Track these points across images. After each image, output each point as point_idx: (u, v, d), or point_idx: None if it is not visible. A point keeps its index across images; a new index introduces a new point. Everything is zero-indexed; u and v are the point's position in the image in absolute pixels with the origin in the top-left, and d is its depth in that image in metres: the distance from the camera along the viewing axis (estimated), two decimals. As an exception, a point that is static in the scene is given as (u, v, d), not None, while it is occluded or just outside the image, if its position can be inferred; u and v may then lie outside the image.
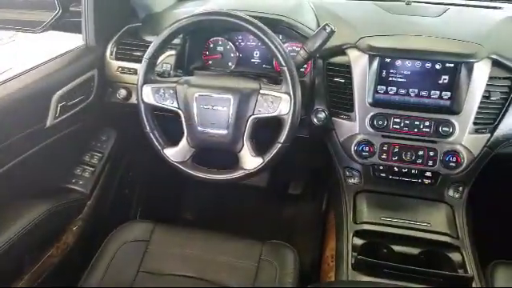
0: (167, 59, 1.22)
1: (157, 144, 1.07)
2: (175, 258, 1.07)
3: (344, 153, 1.17)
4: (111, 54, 1.27)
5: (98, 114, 1.33)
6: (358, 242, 1.05)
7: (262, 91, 1.01)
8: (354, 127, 1.13)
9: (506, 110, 1.06)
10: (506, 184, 1.33)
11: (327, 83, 1.14)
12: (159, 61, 1.16)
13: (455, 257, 1.01)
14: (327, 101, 1.15)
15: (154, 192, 1.68)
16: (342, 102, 1.13)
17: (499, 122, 1.07)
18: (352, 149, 1.13)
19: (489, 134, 1.07)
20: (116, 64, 1.27)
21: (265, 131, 1.02)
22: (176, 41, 1.14)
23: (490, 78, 1.04)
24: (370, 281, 0.92)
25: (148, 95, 1.04)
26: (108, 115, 1.38)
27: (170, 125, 1.08)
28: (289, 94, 0.98)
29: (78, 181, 1.32)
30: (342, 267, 1.01)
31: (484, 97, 1.04)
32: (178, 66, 1.23)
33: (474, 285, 0.94)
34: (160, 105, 1.05)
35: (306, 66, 1.17)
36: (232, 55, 1.30)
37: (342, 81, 1.12)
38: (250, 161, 1.02)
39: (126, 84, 1.27)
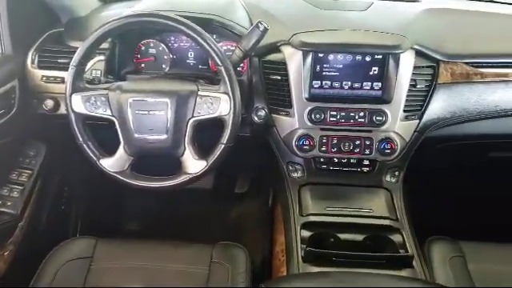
0: (96, 65, 1.15)
1: (92, 155, 1.01)
2: (122, 271, 1.02)
3: (286, 148, 1.19)
4: (33, 63, 1.18)
5: (23, 127, 1.23)
6: (306, 234, 1.07)
7: (200, 92, 0.99)
8: (293, 123, 1.15)
9: (431, 97, 1.14)
10: (436, 165, 1.43)
11: (264, 81, 1.15)
12: (88, 67, 1.10)
13: (396, 238, 1.07)
14: (266, 98, 1.16)
15: (93, 205, 1.60)
16: (280, 98, 1.15)
17: (426, 108, 1.14)
18: (293, 144, 1.16)
19: (418, 120, 1.15)
20: (39, 73, 1.18)
21: (206, 133, 1.01)
22: (104, 45, 1.08)
23: (415, 67, 1.11)
24: (320, 271, 0.94)
25: (78, 104, 0.98)
26: (35, 128, 1.28)
27: (104, 134, 1.02)
28: (228, 94, 0.97)
29: (5, 202, 1.21)
30: (292, 261, 1.02)
31: (411, 85, 1.11)
32: (109, 71, 1.17)
33: (414, 263, 1.00)
34: (92, 114, 0.99)
35: (242, 64, 1.17)
36: (165, 57, 1.26)
37: (279, 78, 1.13)
38: (194, 164, 1.00)
39: (52, 94, 1.18)
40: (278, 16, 1.22)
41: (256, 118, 1.17)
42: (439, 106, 1.15)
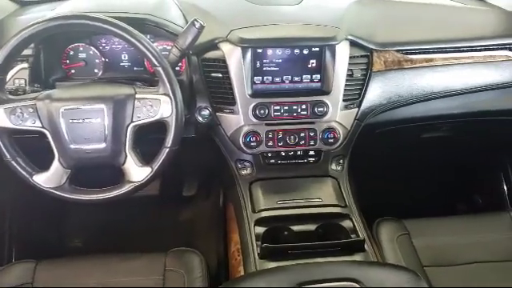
0: (19, 73, 1.05)
1: (23, 172, 0.93)
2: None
3: (233, 146, 1.17)
4: None
5: None
6: (260, 230, 1.07)
7: (138, 96, 0.94)
8: (238, 120, 1.14)
9: (367, 85, 1.18)
10: (376, 150, 1.50)
11: (205, 79, 1.13)
12: (9, 76, 1.00)
13: (347, 224, 1.10)
14: (209, 97, 1.14)
15: (30, 226, 1.47)
16: (223, 96, 1.13)
17: (363, 96, 1.19)
18: (240, 141, 1.15)
19: (357, 109, 1.19)
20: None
21: (149, 137, 0.97)
22: (27, 51, 1.00)
23: (350, 57, 1.14)
24: (276, 266, 0.94)
25: (2, 118, 0.89)
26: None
27: (35, 147, 0.94)
28: (168, 95, 0.93)
29: None
30: (249, 259, 1.01)
31: (348, 75, 1.15)
32: (35, 79, 1.08)
33: (366, 246, 1.04)
34: (19, 127, 0.91)
35: (180, 64, 1.14)
36: (97, 61, 1.19)
37: (220, 75, 1.11)
38: (138, 172, 0.95)
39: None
40: (214, 13, 1.20)
41: (200, 118, 1.14)
42: (375, 93, 1.20)
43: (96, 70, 1.19)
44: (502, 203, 1.64)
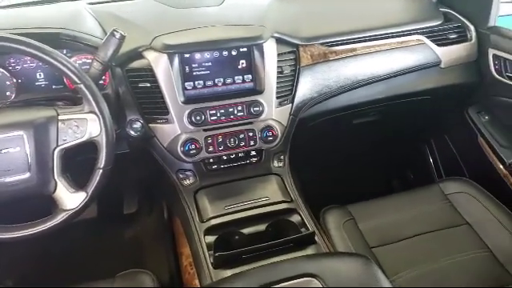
0: None
1: None
2: None
3: (172, 157, 1.13)
4: None
5: None
6: (211, 239, 1.05)
7: (61, 117, 0.87)
8: (174, 129, 1.10)
9: (298, 80, 1.20)
10: (313, 141, 1.53)
11: (133, 91, 1.07)
12: None
13: (295, 218, 1.12)
14: (139, 109, 1.09)
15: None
16: (154, 106, 1.09)
17: (295, 91, 1.20)
18: (179, 150, 1.11)
19: (290, 104, 1.20)
20: None
21: (79, 159, 0.89)
22: None
23: (279, 54, 1.15)
24: (232, 274, 0.92)
25: None
26: None
27: None
28: (94, 112, 0.87)
29: None
30: (203, 271, 0.99)
31: (278, 72, 1.16)
32: None
33: (316, 238, 1.06)
34: None
35: (104, 77, 1.06)
36: (8, 83, 1.07)
37: (148, 85, 1.07)
38: (71, 198, 0.88)
39: None
40: (133, 20, 1.15)
41: (132, 132, 1.08)
42: (306, 87, 1.23)
43: (8, 93, 1.07)
44: (429, 175, 1.78)
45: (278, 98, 1.17)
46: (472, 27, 1.38)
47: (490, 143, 1.42)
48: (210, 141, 1.13)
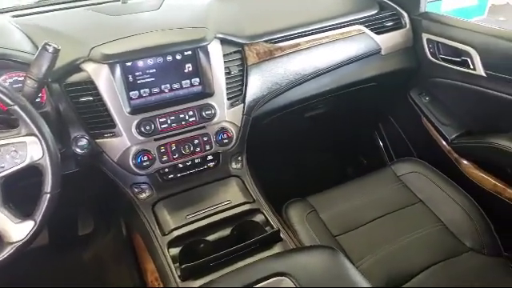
0: None
1: None
2: None
3: (124, 171, 1.08)
4: None
5: None
6: (175, 251, 1.02)
7: None
8: (123, 142, 1.05)
9: (247, 80, 1.19)
10: (268, 139, 1.54)
11: (74, 106, 1.01)
12: None
13: (259, 218, 1.11)
14: (83, 124, 1.03)
15: None
16: (99, 120, 1.03)
17: (245, 91, 1.19)
18: (131, 163, 1.06)
19: (242, 104, 1.19)
20: None
21: (21, 184, 0.83)
22: None
23: (224, 55, 1.14)
24: (201, 285, 0.90)
25: None
26: None
27: None
28: (34, 134, 0.81)
29: None
30: (170, 285, 0.95)
31: (226, 73, 1.14)
32: None
33: (282, 235, 1.06)
34: None
35: (40, 94, 0.99)
36: None
37: (91, 98, 1.01)
38: (17, 229, 0.81)
39: None
40: (66, 32, 1.08)
41: (78, 150, 1.02)
42: (256, 85, 1.22)
43: None
44: (381, 159, 1.85)
45: (228, 99, 1.15)
46: (405, 14, 1.45)
47: (433, 122, 1.50)
48: (163, 150, 1.09)
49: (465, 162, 1.39)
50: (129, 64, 1.02)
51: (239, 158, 1.23)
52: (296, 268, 0.82)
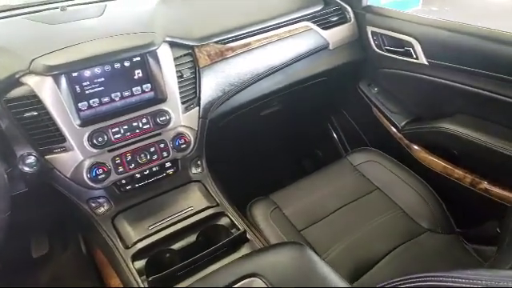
0: None
1: None
2: None
3: (79, 186, 1.03)
4: None
5: None
6: (141, 264, 0.99)
7: None
8: (75, 156, 1.00)
9: (199, 82, 1.18)
10: (227, 140, 1.53)
11: (19, 122, 0.95)
12: None
13: (224, 221, 1.10)
14: (30, 141, 0.97)
15: None
16: (47, 136, 0.97)
17: (199, 94, 1.18)
18: (85, 178, 1.01)
19: (197, 107, 1.17)
20: None
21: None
22: None
23: (175, 58, 1.11)
24: None
25: None
26: None
27: None
28: None
29: None
30: (138, 298, 0.93)
31: (178, 77, 1.12)
32: None
33: (248, 235, 1.06)
34: None
35: (-22, 113, 0.92)
36: None
37: (36, 113, 0.95)
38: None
39: None
40: (3, 43, 1.01)
41: (26, 168, 0.96)
42: (210, 87, 1.21)
43: None
44: (337, 150, 1.90)
45: (183, 103, 1.13)
46: (349, 8, 1.49)
47: (383, 111, 1.56)
48: (118, 161, 1.05)
49: (415, 147, 1.46)
50: (75, 74, 0.97)
51: (199, 163, 1.22)
52: (265, 267, 0.82)
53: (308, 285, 0.79)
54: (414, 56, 1.34)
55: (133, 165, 1.07)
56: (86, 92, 1.00)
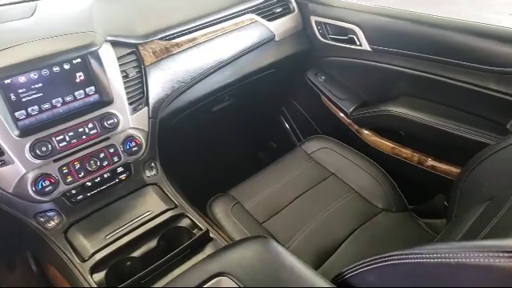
0: None
1: None
2: None
3: (23, 201, 0.96)
4: None
5: None
6: (100, 275, 0.94)
7: None
8: (17, 169, 0.92)
9: (146, 81, 1.13)
10: (181, 139, 1.49)
11: None
12: None
13: (185, 222, 1.07)
14: None
15: None
16: (-18, 150, 0.89)
17: (147, 93, 1.13)
18: (30, 192, 0.94)
19: (146, 107, 1.13)
20: None
21: None
22: None
23: (118, 58, 1.06)
24: None
25: None
26: None
27: None
28: None
29: None
30: (101, 312, 0.88)
31: (123, 77, 1.07)
32: None
33: (211, 234, 1.04)
34: None
35: None
36: None
37: None
38: None
39: None
40: None
41: None
42: (158, 85, 1.17)
43: None
44: (290, 140, 1.92)
45: (130, 103, 1.08)
46: (292, -1, 1.50)
47: (331, 99, 1.60)
48: (65, 171, 0.98)
49: (365, 131, 1.51)
50: (8, 81, 0.89)
51: (152, 165, 1.17)
52: (232, 265, 0.81)
53: (276, 276, 0.79)
54: (358, 43, 1.38)
55: (82, 173, 1.01)
56: (23, 100, 0.92)
